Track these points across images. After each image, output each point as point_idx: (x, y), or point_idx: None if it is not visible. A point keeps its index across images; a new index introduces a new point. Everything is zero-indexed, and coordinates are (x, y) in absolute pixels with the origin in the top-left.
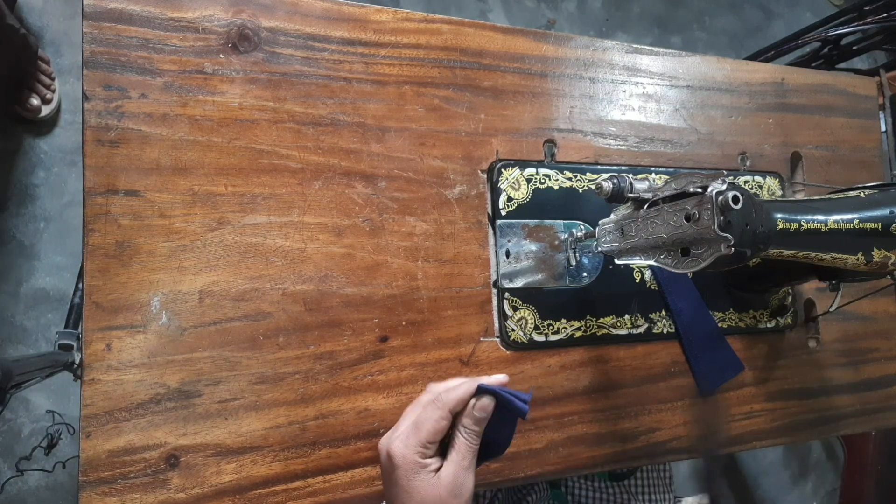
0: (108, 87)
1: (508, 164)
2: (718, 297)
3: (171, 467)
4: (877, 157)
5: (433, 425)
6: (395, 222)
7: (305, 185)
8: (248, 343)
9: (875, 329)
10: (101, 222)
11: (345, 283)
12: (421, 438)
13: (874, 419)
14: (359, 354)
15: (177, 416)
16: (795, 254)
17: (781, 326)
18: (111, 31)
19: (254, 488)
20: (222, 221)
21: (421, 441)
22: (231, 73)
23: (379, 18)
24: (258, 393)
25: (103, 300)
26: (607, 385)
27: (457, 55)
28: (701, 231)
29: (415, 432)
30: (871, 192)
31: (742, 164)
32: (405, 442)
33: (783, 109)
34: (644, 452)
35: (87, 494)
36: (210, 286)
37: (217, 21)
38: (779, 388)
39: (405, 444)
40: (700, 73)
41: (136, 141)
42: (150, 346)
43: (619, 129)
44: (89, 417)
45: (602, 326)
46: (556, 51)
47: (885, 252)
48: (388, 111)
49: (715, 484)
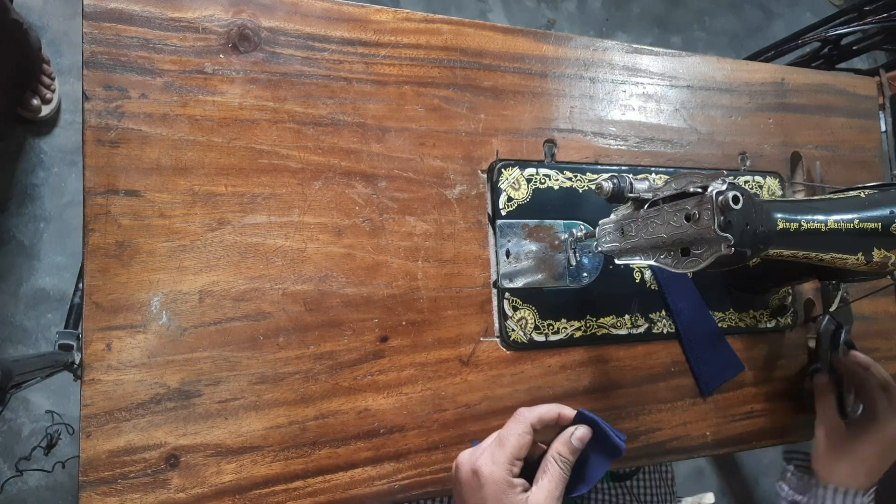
0: (108, 87)
1: (508, 164)
2: (718, 297)
3: (171, 467)
4: (877, 157)
5: (517, 440)
6: (395, 222)
7: (305, 185)
8: (248, 343)
9: (875, 329)
10: (101, 222)
11: (345, 283)
12: (507, 454)
13: None
14: (359, 354)
15: (177, 416)
16: (795, 254)
17: (781, 326)
18: (111, 31)
19: (254, 488)
20: (222, 221)
21: (507, 457)
22: (231, 73)
23: (379, 18)
24: (258, 393)
25: (103, 300)
26: (607, 385)
27: (457, 55)
28: (701, 231)
29: (500, 448)
30: (871, 192)
31: (742, 164)
32: (493, 458)
33: (783, 109)
34: (644, 452)
35: (87, 494)
36: (210, 286)
37: (217, 21)
38: (779, 388)
39: (493, 461)
40: (700, 73)
41: (137, 141)
42: (150, 346)
43: (619, 129)
44: (89, 417)
45: (602, 326)
46: (556, 51)
47: (885, 252)
48: (388, 111)
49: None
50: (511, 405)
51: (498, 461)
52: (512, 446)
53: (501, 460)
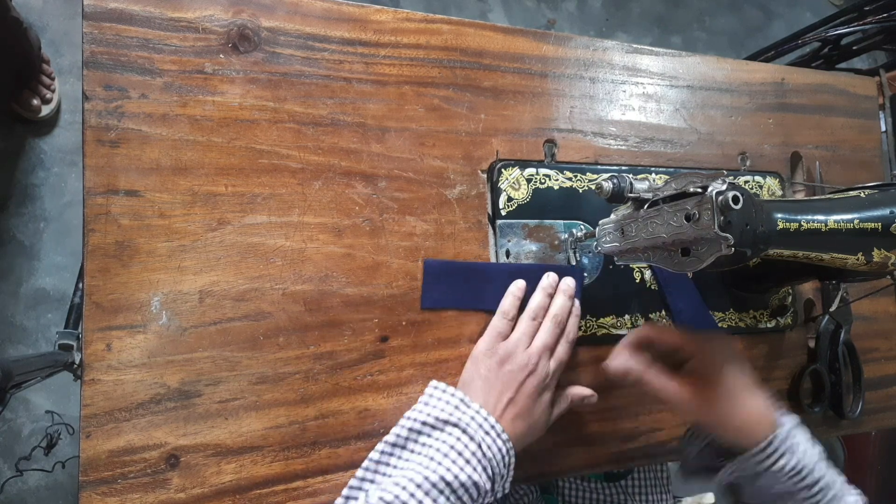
0: (108, 87)
1: (508, 164)
2: (718, 297)
3: (171, 467)
4: (877, 157)
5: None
6: (395, 222)
7: (305, 185)
8: (248, 343)
9: (875, 329)
10: (102, 222)
11: (345, 283)
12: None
13: (874, 419)
14: (359, 354)
15: (177, 416)
16: (795, 254)
17: (781, 326)
18: (111, 31)
19: (254, 488)
20: (222, 221)
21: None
22: (231, 73)
23: (379, 18)
24: (258, 393)
25: (103, 300)
26: (607, 385)
27: (457, 55)
28: (701, 231)
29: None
30: (871, 192)
31: (742, 164)
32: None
33: (783, 109)
34: (644, 452)
35: (87, 494)
36: (210, 286)
37: (217, 21)
38: (779, 388)
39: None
40: (700, 73)
41: (136, 141)
42: (150, 346)
43: (619, 129)
44: (89, 417)
45: (602, 326)
46: (556, 51)
47: (885, 252)
48: (388, 111)
49: None
50: None
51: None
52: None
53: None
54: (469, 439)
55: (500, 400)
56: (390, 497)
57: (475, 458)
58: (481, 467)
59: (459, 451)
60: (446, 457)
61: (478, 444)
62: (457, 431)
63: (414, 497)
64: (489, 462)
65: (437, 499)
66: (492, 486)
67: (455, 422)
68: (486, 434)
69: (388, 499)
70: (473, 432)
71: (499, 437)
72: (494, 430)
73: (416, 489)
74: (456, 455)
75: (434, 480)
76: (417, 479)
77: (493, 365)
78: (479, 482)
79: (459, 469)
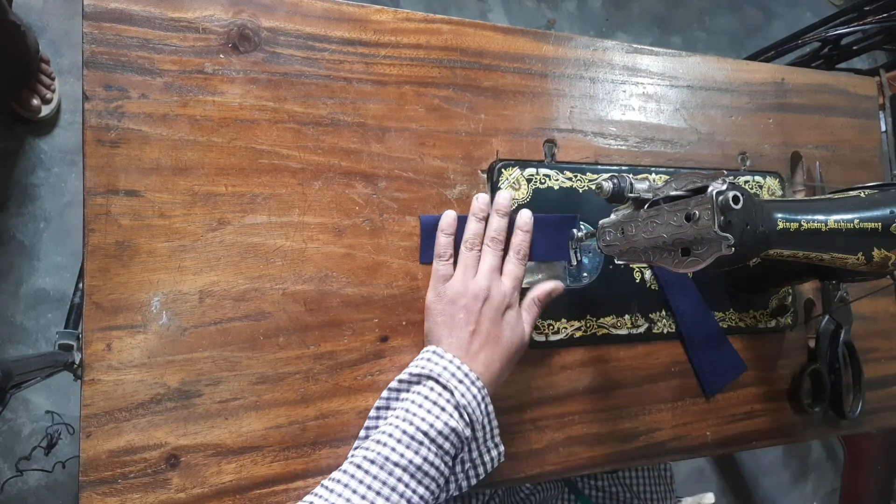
0: (108, 87)
1: (509, 164)
2: (718, 297)
3: (171, 467)
4: (877, 157)
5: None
6: (395, 222)
7: (305, 185)
8: (248, 343)
9: (875, 329)
10: (102, 222)
11: (345, 283)
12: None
13: (874, 419)
14: (359, 354)
15: (177, 416)
16: (795, 254)
17: (781, 326)
18: (111, 31)
19: (254, 488)
20: (222, 221)
21: None
22: (231, 73)
23: (379, 18)
24: (258, 393)
25: (103, 300)
26: (607, 385)
27: (457, 55)
28: (701, 231)
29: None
30: (871, 192)
31: (742, 164)
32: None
33: (783, 109)
34: (644, 452)
35: (87, 494)
36: (210, 286)
37: (217, 21)
38: (779, 388)
39: None
40: (700, 73)
41: (137, 141)
42: (151, 346)
43: (619, 129)
44: (89, 417)
45: (602, 326)
46: (556, 51)
47: (885, 252)
48: (388, 111)
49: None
50: (511, 406)
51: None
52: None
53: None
54: (442, 388)
55: (463, 336)
56: (373, 455)
57: (450, 405)
58: (458, 414)
59: (434, 401)
60: (421, 407)
61: (451, 391)
62: (430, 382)
63: (395, 451)
64: (464, 409)
65: (419, 450)
66: (472, 433)
67: (428, 373)
68: (459, 382)
69: (372, 457)
70: (446, 381)
71: (473, 385)
72: (468, 377)
73: (397, 443)
74: (430, 405)
75: (411, 433)
76: (396, 433)
77: (446, 307)
78: (458, 428)
79: (434, 418)
